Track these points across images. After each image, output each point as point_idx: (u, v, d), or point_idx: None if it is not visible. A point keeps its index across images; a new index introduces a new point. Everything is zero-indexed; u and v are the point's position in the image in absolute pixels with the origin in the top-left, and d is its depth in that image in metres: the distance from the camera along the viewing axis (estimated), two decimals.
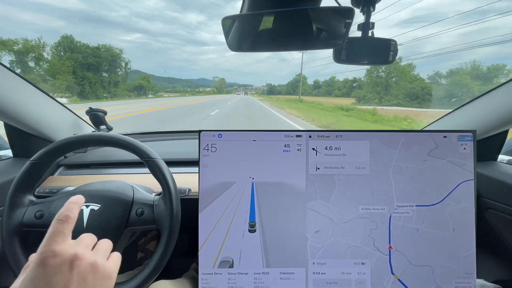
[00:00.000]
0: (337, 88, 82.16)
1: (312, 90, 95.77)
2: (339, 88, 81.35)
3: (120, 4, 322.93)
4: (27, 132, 0.74)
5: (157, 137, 1.13)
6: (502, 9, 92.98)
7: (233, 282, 0.52)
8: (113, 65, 36.28)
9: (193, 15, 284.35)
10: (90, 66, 33.18)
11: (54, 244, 0.27)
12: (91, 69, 32.94)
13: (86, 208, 0.50)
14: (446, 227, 0.52)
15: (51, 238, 0.28)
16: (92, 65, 33.31)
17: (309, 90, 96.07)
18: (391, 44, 0.57)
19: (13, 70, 0.64)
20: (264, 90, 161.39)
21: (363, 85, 45.64)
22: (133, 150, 0.54)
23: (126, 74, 40.04)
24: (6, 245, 0.48)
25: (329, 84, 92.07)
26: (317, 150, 0.53)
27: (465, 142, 0.53)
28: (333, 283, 0.52)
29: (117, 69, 37.28)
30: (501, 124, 0.64)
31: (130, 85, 46.62)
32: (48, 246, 0.27)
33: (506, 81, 0.62)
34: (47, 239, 0.28)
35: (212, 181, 0.53)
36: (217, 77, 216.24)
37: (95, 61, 33.82)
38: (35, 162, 0.52)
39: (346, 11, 0.47)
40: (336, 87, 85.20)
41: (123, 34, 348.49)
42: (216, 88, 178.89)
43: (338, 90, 79.69)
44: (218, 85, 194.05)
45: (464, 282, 0.51)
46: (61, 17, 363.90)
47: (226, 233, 0.52)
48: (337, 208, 0.52)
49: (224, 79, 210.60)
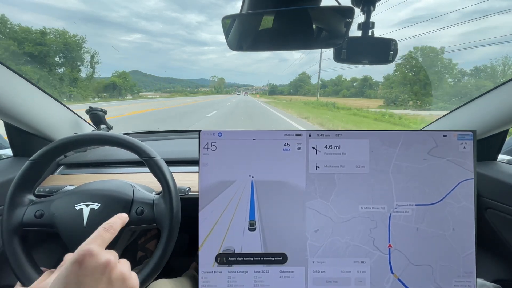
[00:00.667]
0: (345, 88, 78.18)
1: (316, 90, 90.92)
2: (347, 88, 77.57)
3: (120, 4, 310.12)
4: (27, 131, 0.74)
5: (157, 136, 1.13)
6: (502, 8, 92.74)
7: (233, 281, 0.52)
8: (70, 57, 28.05)
9: (193, 15, 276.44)
10: (31, 57, 24.83)
11: (94, 245, 0.30)
12: (33, 62, 24.84)
13: (86, 207, 0.50)
14: (446, 226, 0.52)
15: (92, 240, 0.31)
16: (33, 56, 25.05)
17: (314, 90, 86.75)
18: (391, 43, 0.57)
19: (13, 69, 0.64)
20: (266, 90, 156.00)
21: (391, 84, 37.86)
22: (133, 149, 0.54)
23: (93, 69, 31.20)
24: (6, 245, 0.48)
25: (336, 83, 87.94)
26: (317, 149, 0.53)
27: (465, 142, 0.53)
28: (332, 281, 0.52)
29: (77, 63, 28.69)
30: (501, 123, 0.64)
31: (100, 84, 39.17)
32: (88, 246, 0.29)
33: (506, 80, 0.62)
34: (88, 241, 0.30)
35: (212, 180, 0.53)
36: (216, 77, 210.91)
37: (38, 50, 25.07)
38: (35, 161, 0.52)
39: (346, 10, 0.47)
40: (343, 86, 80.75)
41: (123, 34, 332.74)
42: (215, 88, 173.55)
43: (346, 90, 76.02)
44: (216, 85, 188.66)
45: (464, 281, 0.52)
46: (61, 18, 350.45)
47: (226, 232, 0.52)
48: (337, 207, 0.52)
49: (223, 79, 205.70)
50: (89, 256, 0.28)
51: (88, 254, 0.28)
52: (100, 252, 0.29)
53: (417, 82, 31.60)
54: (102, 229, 0.33)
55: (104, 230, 0.33)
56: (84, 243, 0.30)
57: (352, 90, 75.06)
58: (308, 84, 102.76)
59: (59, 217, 0.50)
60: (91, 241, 0.30)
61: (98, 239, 0.31)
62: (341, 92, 76.20)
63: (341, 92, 76.20)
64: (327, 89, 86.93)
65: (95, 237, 0.31)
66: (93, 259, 0.28)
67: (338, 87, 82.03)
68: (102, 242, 0.31)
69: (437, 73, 34.66)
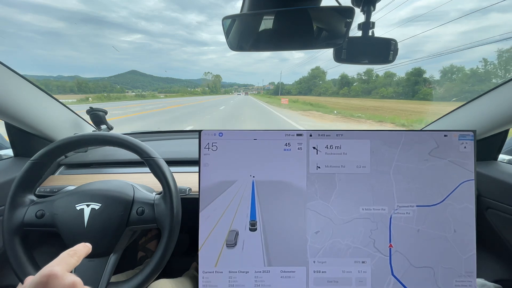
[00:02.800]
0: (382, 86, 54.56)
1: (337, 89, 66.27)
2: (384, 85, 55.06)
3: (120, 5, 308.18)
4: (28, 131, 0.74)
5: (158, 136, 1.13)
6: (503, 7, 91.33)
7: (233, 281, 0.52)
8: None
9: (193, 16, 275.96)
10: None
11: (58, 267, 0.29)
12: None
13: (86, 207, 0.50)
14: (447, 228, 0.52)
15: (56, 263, 0.30)
16: None
17: (332, 89, 68.55)
18: (392, 43, 0.57)
19: (14, 70, 0.64)
20: (270, 89, 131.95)
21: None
22: (134, 150, 0.54)
23: None
24: (7, 245, 0.48)
25: (365, 80, 63.96)
26: (317, 149, 0.53)
27: (465, 142, 0.53)
28: (333, 281, 0.52)
29: None
30: (501, 123, 0.64)
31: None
32: (51, 268, 0.28)
33: (506, 80, 0.62)
34: (51, 264, 0.30)
35: (212, 180, 0.53)
36: (210, 73, 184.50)
37: None
38: (35, 161, 0.52)
39: (346, 10, 0.47)
40: (379, 83, 56.76)
41: (123, 35, 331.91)
42: (209, 87, 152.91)
43: (384, 88, 53.91)
44: (211, 84, 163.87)
45: (465, 281, 0.51)
46: (61, 19, 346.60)
47: (227, 232, 0.52)
48: (337, 208, 0.52)
49: (220, 76, 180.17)
50: (53, 278, 0.27)
51: (52, 276, 0.27)
52: (64, 274, 0.28)
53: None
54: (66, 254, 0.32)
55: (68, 255, 0.32)
56: (46, 266, 0.29)
57: (396, 89, 53.30)
58: (322, 80, 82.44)
59: (60, 217, 0.50)
60: (55, 264, 0.30)
61: (62, 262, 0.30)
62: (375, 90, 54.50)
63: (375, 90, 54.50)
64: (354, 87, 63.03)
65: (58, 261, 0.30)
66: (58, 281, 0.27)
67: (369, 85, 58.85)
68: (66, 265, 0.30)
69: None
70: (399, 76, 60.19)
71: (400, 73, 61.04)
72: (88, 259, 0.49)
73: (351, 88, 63.18)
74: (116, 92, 50.73)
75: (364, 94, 57.29)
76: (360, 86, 62.52)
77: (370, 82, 62.20)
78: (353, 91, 60.82)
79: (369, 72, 64.19)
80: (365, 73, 65.99)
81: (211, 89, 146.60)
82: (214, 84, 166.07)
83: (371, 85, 59.65)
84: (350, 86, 65.67)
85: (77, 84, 78.59)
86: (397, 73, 59.96)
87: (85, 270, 0.48)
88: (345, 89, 63.57)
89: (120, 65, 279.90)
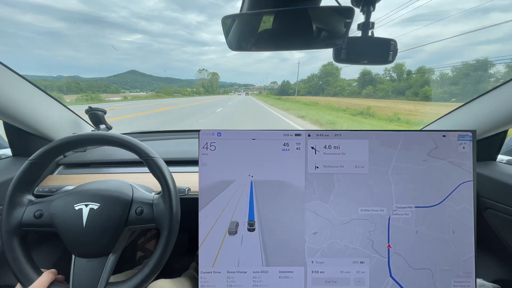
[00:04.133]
0: (421, 84, 36.80)
1: (357, 88, 51.46)
2: (420, 84, 36.95)
3: (120, 5, 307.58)
4: (26, 131, 0.74)
5: (157, 136, 1.13)
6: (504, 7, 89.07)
7: (232, 281, 0.52)
8: None
9: (193, 16, 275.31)
10: None
11: None
12: None
13: (85, 207, 0.50)
14: (446, 229, 0.52)
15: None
16: None
17: (349, 88, 54.60)
18: (391, 44, 0.57)
19: (13, 69, 0.64)
20: (274, 88, 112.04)
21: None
22: (133, 149, 0.54)
23: None
24: (5, 245, 0.48)
25: (395, 78, 49.42)
26: (316, 149, 0.53)
27: (464, 142, 0.53)
28: (332, 281, 0.52)
29: None
30: (500, 124, 0.64)
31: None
32: None
33: (506, 81, 0.62)
34: None
35: (211, 179, 0.53)
36: (205, 70, 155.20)
37: None
38: (34, 161, 0.52)
39: (346, 10, 0.47)
40: (415, 81, 39.41)
41: (123, 35, 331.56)
42: (204, 87, 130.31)
43: (427, 88, 34.91)
44: (207, 83, 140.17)
45: (463, 282, 0.52)
46: (61, 19, 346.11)
47: (226, 232, 0.52)
48: (336, 209, 0.52)
49: (217, 74, 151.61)
50: None
51: None
52: None
53: None
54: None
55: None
56: None
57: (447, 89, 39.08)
58: (338, 79, 64.70)
59: (59, 217, 0.50)
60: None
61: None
62: (410, 90, 38.58)
63: (410, 90, 38.58)
64: (382, 85, 47.78)
65: None
66: None
67: (403, 83, 43.80)
68: None
69: None
70: (443, 71, 46.73)
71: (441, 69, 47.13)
72: (87, 259, 0.49)
73: (378, 87, 48.12)
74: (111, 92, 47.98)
75: (397, 95, 42.48)
76: (390, 85, 47.25)
77: (402, 80, 47.51)
78: (382, 91, 45.58)
79: (399, 67, 49.31)
80: (394, 68, 50.53)
81: (206, 89, 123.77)
82: (210, 83, 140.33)
83: (404, 84, 44.21)
84: (376, 84, 50.61)
85: (67, 84, 74.03)
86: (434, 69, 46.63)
87: (83, 270, 0.48)
88: (369, 89, 47.55)
89: (120, 65, 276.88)
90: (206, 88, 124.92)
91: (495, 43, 62.24)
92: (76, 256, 0.50)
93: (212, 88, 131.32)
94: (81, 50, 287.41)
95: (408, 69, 50.88)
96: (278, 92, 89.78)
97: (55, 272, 0.50)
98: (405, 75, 48.84)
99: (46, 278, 0.47)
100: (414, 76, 45.15)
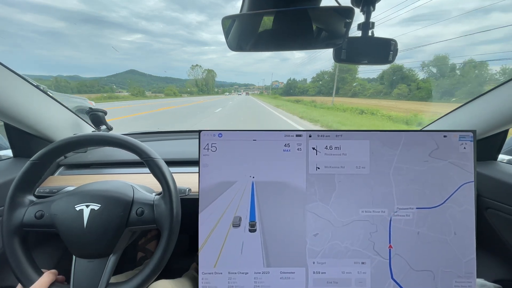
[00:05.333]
0: (475, 82, 28.29)
1: (384, 88, 43.14)
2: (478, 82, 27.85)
3: (120, 4, 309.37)
4: (27, 132, 0.74)
5: (157, 137, 1.13)
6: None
7: (233, 282, 0.52)
8: None
9: (193, 15, 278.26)
10: None
11: None
12: None
13: (86, 208, 0.50)
14: (448, 231, 0.52)
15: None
16: None
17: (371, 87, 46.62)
18: (391, 43, 0.57)
19: (14, 70, 0.64)
20: (278, 87, 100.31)
21: None
22: (133, 150, 0.54)
23: None
24: (6, 245, 0.48)
25: (435, 73, 38.40)
26: (317, 149, 0.53)
27: (465, 142, 0.53)
28: (333, 282, 0.52)
29: None
30: (501, 123, 0.64)
31: None
32: None
33: (506, 80, 0.62)
34: None
35: (212, 180, 0.53)
36: (198, 66, 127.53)
37: None
38: (35, 162, 0.52)
39: (346, 10, 0.47)
40: (469, 78, 30.13)
41: (123, 34, 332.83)
42: (198, 86, 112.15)
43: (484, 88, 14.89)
44: (202, 82, 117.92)
45: (464, 282, 0.51)
46: (62, 19, 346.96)
47: (227, 233, 0.52)
48: (337, 210, 0.52)
49: (214, 72, 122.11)
50: None
51: None
52: None
53: None
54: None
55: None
56: None
57: None
58: (354, 78, 54.18)
59: (59, 218, 0.50)
60: None
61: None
62: (461, 90, 28.79)
63: (461, 90, 28.79)
64: (424, 84, 35.35)
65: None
66: None
67: (447, 81, 33.88)
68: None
69: None
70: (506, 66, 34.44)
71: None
72: (88, 260, 0.49)
73: (413, 86, 36.49)
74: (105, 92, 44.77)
75: (443, 95, 31.77)
76: (432, 83, 35.43)
77: (446, 76, 36.62)
78: (424, 90, 33.33)
79: (441, 60, 37.64)
80: (433, 61, 39.16)
81: (200, 88, 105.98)
82: (205, 81, 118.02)
83: (450, 81, 33.28)
84: (409, 82, 40.10)
85: (55, 83, 70.67)
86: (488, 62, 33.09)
87: (84, 271, 0.48)
88: (402, 88, 36.56)
89: (120, 65, 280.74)
90: (200, 87, 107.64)
91: None
92: (77, 256, 0.50)
93: (208, 87, 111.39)
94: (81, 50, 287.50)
95: (452, 62, 40.07)
96: (283, 92, 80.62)
97: (56, 273, 0.50)
98: (453, 71, 36.30)
99: (47, 278, 0.47)
100: (459, 72, 34.40)
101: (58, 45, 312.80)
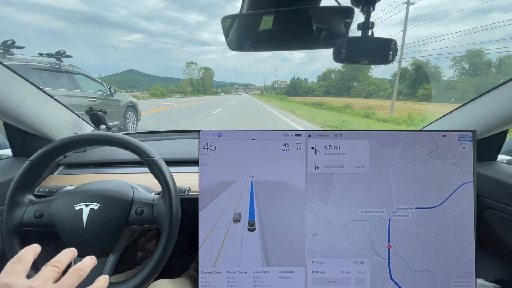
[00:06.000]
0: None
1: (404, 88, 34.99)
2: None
3: (120, 4, 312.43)
4: (26, 131, 0.74)
5: (157, 136, 1.13)
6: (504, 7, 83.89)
7: (232, 281, 0.52)
8: None
9: (193, 15, 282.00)
10: None
11: (6, 278, 0.28)
12: None
13: (85, 207, 0.50)
14: (447, 231, 0.52)
15: (3, 275, 0.29)
16: None
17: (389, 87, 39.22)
18: (391, 43, 0.57)
19: (13, 70, 0.64)
20: (282, 87, 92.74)
21: None
22: (133, 150, 0.54)
23: None
24: (5, 245, 0.48)
25: (466, 69, 34.10)
26: (316, 149, 0.53)
27: (464, 142, 0.53)
28: (332, 281, 0.52)
29: None
30: (501, 123, 0.64)
31: None
32: (1, 281, 0.28)
33: (506, 80, 0.62)
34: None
35: (211, 180, 0.53)
36: (194, 63, 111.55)
37: None
38: (34, 161, 0.52)
39: (346, 10, 0.47)
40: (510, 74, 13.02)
41: (123, 34, 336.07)
42: (193, 85, 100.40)
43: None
44: (198, 81, 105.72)
45: (464, 282, 0.51)
46: (62, 18, 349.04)
47: (226, 232, 0.52)
48: (336, 210, 0.52)
49: (211, 70, 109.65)
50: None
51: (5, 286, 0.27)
52: (15, 282, 0.28)
53: None
54: (10, 264, 0.30)
55: (12, 264, 0.30)
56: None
57: None
58: (367, 77, 46.19)
59: (59, 217, 0.50)
60: (3, 276, 0.28)
61: (9, 273, 0.29)
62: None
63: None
64: (457, 83, 30.48)
65: (5, 272, 0.29)
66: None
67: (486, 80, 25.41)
68: (15, 273, 0.29)
69: None
70: None
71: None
72: None
73: (452, 85, 30.24)
74: None
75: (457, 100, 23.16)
76: (470, 81, 28.89)
77: (484, 73, 30.68)
78: (454, 91, 26.77)
79: (475, 55, 31.72)
80: (466, 56, 33.01)
81: (196, 88, 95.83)
82: (202, 80, 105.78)
83: (490, 80, 26.68)
84: (436, 81, 34.21)
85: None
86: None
87: None
88: (429, 87, 30.39)
89: (120, 65, 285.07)
90: (196, 87, 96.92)
91: None
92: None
93: (205, 87, 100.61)
94: (81, 49, 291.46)
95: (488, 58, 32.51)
96: (286, 92, 74.16)
97: None
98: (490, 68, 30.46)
99: None
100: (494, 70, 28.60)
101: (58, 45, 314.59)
